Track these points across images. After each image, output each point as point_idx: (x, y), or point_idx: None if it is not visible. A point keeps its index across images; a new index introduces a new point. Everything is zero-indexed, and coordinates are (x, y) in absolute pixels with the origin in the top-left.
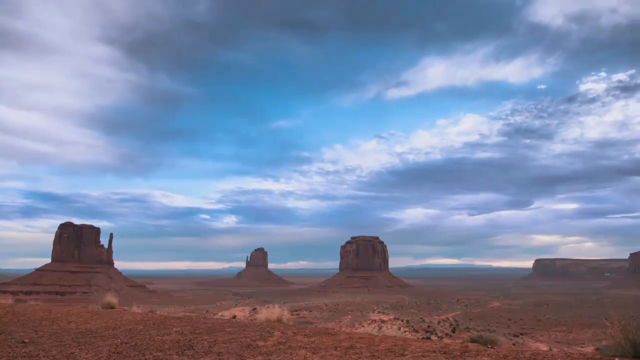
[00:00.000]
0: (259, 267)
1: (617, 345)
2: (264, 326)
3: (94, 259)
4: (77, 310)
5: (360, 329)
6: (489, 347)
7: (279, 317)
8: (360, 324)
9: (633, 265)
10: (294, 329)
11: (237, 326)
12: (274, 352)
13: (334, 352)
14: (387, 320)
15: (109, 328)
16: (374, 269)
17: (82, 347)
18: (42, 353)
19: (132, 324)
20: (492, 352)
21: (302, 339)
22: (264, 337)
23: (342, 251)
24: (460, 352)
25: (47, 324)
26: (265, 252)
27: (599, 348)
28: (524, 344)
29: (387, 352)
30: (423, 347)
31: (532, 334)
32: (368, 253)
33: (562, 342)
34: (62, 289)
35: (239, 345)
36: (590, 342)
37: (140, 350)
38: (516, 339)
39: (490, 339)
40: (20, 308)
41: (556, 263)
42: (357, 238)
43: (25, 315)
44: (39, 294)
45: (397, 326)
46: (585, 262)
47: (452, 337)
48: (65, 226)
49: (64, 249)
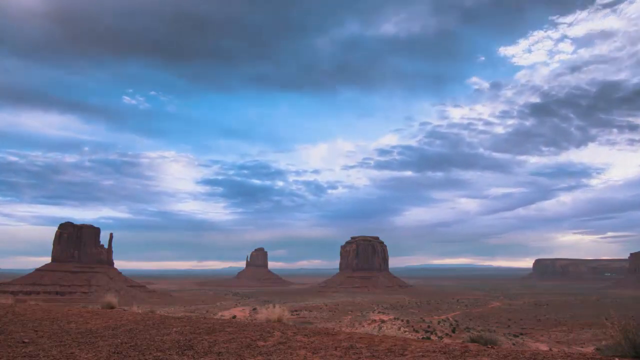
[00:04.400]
0: (259, 267)
1: (617, 345)
2: (264, 326)
3: (94, 259)
4: (77, 310)
5: (360, 329)
6: (489, 347)
7: (279, 317)
8: (360, 324)
9: (633, 265)
10: (294, 329)
11: (237, 326)
12: (274, 352)
13: (334, 352)
14: (387, 320)
15: (109, 328)
16: (374, 269)
17: (82, 347)
18: (42, 353)
19: (132, 324)
20: (492, 352)
21: (302, 339)
22: (264, 337)
23: (342, 251)
24: (460, 352)
25: (47, 324)
26: (265, 252)
27: (599, 348)
28: (524, 344)
29: (387, 352)
30: (423, 347)
31: (532, 334)
32: (368, 253)
33: (562, 342)
34: (62, 289)
35: (239, 345)
36: (590, 342)
37: (140, 350)
38: (516, 339)
39: (490, 339)
40: (20, 308)
41: (556, 263)
42: (357, 238)
43: (25, 315)
44: (39, 294)
45: (397, 326)
46: (585, 262)
47: (452, 337)
48: (65, 226)
49: (64, 249)
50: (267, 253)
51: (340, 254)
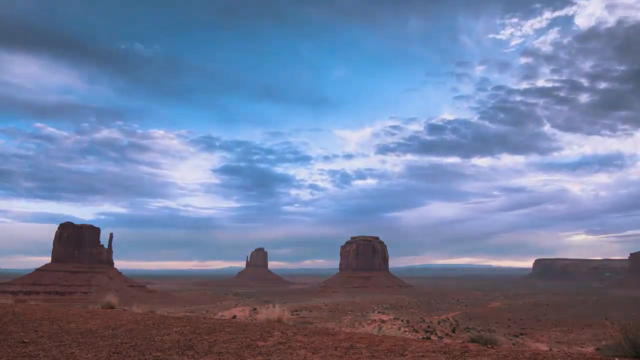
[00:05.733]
0: (259, 267)
1: (617, 345)
2: (264, 326)
3: (94, 259)
4: (77, 310)
5: (360, 329)
6: (489, 347)
7: (279, 317)
8: (360, 324)
9: (633, 265)
10: (294, 329)
11: (237, 326)
12: (274, 352)
13: (334, 352)
14: (387, 320)
15: (109, 328)
16: (374, 269)
17: (82, 347)
18: (42, 353)
19: (132, 324)
20: (492, 352)
21: (302, 339)
22: (264, 337)
23: (342, 251)
24: (461, 352)
25: (47, 324)
26: (265, 252)
27: (599, 348)
28: (524, 344)
29: (387, 352)
30: (423, 347)
31: (532, 334)
32: (368, 253)
33: (562, 342)
34: (62, 289)
35: (239, 345)
36: (590, 342)
37: (140, 350)
38: (516, 339)
39: (490, 339)
40: (20, 308)
41: (556, 263)
42: (357, 238)
43: (25, 315)
44: (39, 294)
45: (397, 326)
46: (585, 262)
47: (452, 337)
48: (65, 226)
49: (64, 249)
50: (267, 253)
51: (340, 254)
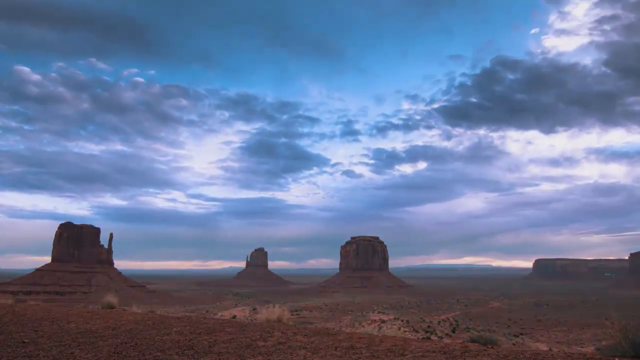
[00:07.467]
0: (259, 267)
1: (617, 345)
2: (264, 326)
3: (94, 259)
4: (77, 310)
5: (360, 329)
6: (489, 347)
7: (279, 317)
8: (360, 324)
9: (633, 265)
10: (294, 329)
11: (237, 326)
12: (274, 352)
13: (334, 352)
14: (387, 320)
15: (109, 328)
16: (374, 269)
17: (82, 347)
18: (42, 353)
19: (132, 324)
20: (492, 352)
21: (302, 339)
22: (264, 337)
23: (342, 251)
24: (461, 352)
25: (47, 324)
26: (265, 252)
27: (599, 348)
28: (524, 344)
29: (387, 352)
30: (423, 347)
31: (532, 334)
32: (368, 253)
33: (562, 342)
34: (62, 289)
35: (239, 345)
36: (590, 342)
37: (140, 350)
38: (516, 339)
39: (490, 339)
40: (20, 308)
41: (556, 263)
42: (357, 238)
43: (25, 315)
44: (39, 294)
45: (397, 326)
46: (585, 262)
47: (452, 337)
48: (65, 226)
49: (64, 249)
50: (267, 253)
51: (340, 254)
